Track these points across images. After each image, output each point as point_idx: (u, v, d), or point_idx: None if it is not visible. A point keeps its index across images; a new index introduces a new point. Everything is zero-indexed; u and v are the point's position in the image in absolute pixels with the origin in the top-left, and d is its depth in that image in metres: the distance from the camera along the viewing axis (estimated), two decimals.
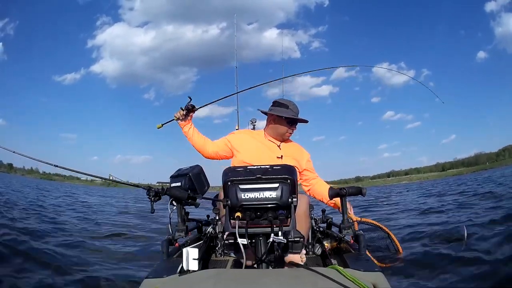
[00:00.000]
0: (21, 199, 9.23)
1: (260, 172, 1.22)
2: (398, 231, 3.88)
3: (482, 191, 8.71)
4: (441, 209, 5.97)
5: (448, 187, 14.79)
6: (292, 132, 2.04)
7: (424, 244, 3.19)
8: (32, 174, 77.38)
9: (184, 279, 1.16)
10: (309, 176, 2.08)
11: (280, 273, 1.23)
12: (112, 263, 2.86)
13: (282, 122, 1.99)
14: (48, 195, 13.68)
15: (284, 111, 1.99)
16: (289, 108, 1.99)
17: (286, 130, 2.00)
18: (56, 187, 27.94)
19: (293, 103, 2.05)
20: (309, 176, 2.08)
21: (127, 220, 6.54)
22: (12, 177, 40.86)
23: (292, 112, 2.00)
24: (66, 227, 4.77)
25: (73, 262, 2.80)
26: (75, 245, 3.47)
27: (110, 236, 4.41)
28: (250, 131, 2.33)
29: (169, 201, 1.58)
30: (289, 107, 2.00)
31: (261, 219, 1.22)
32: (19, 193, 12.38)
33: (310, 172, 2.09)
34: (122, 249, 3.57)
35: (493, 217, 4.00)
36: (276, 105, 2.04)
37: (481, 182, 13.67)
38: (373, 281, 1.12)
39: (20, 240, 3.20)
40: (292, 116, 1.98)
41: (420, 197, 10.93)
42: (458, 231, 3.32)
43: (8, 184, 18.37)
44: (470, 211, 5.17)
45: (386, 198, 12.11)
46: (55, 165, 1.58)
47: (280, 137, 2.03)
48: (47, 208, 7.41)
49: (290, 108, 2.00)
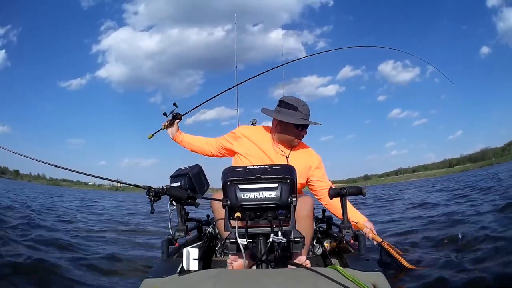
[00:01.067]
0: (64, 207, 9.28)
1: (259, 172, 1.22)
2: (398, 232, 3.88)
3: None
4: (442, 207, 5.98)
5: (450, 184, 14.74)
6: (302, 137, 1.79)
7: (424, 243, 3.18)
8: (39, 180, 77.39)
9: (184, 279, 1.16)
10: (319, 185, 1.82)
11: (280, 273, 1.23)
12: (112, 263, 2.85)
13: (290, 127, 1.73)
14: (86, 202, 13.48)
15: (291, 114, 1.71)
16: (297, 110, 1.71)
17: (295, 135, 1.75)
18: (73, 193, 27.23)
19: (303, 102, 1.76)
20: (319, 186, 1.82)
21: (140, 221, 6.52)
22: (20, 184, 40.68)
23: (302, 114, 1.72)
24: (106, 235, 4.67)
25: (73, 261, 2.80)
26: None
27: (111, 236, 4.41)
28: (255, 132, 1.92)
29: (169, 201, 1.58)
30: (298, 108, 1.71)
31: (261, 219, 1.22)
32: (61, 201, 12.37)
33: (321, 181, 1.82)
34: (122, 248, 3.56)
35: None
36: (283, 105, 1.76)
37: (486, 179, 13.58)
38: (373, 281, 1.12)
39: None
40: (300, 122, 1.71)
41: (424, 194, 10.95)
42: (458, 230, 3.32)
43: (28, 192, 17.72)
44: (471, 209, 5.16)
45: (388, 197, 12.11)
46: (54, 165, 1.58)
47: (289, 144, 1.79)
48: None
49: (299, 110, 1.71)
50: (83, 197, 18.06)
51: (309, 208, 1.63)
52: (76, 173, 1.61)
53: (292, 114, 1.71)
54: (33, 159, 1.62)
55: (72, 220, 5.86)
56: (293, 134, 1.75)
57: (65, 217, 6.26)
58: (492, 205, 4.87)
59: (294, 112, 1.71)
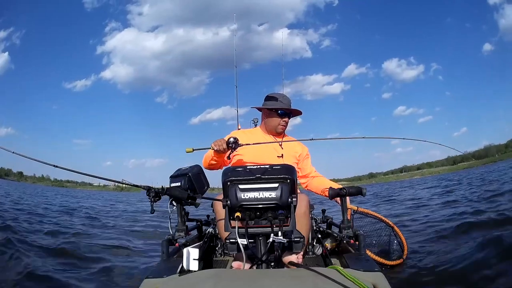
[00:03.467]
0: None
1: (259, 172, 1.22)
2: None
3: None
4: (444, 204, 6.00)
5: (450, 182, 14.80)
6: (285, 124, 2.04)
7: (424, 243, 3.18)
8: (43, 182, 76.94)
9: (184, 279, 1.16)
10: (306, 170, 2.10)
11: (280, 273, 1.23)
12: (112, 263, 2.86)
13: (274, 115, 2.02)
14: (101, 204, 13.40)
15: (273, 103, 2.01)
16: (278, 100, 2.01)
17: (278, 122, 2.01)
18: (82, 194, 26.90)
19: (283, 95, 2.08)
20: (306, 171, 2.10)
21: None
22: (26, 186, 40.48)
23: (282, 103, 2.00)
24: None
25: (73, 261, 2.80)
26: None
27: (111, 235, 4.41)
28: (246, 130, 2.28)
29: (169, 201, 1.58)
30: (278, 99, 2.02)
31: (261, 219, 1.22)
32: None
33: (306, 166, 2.11)
34: (123, 248, 3.57)
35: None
36: (267, 99, 2.07)
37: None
38: (373, 281, 1.12)
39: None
40: (281, 107, 1.99)
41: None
42: (458, 229, 3.32)
43: (41, 194, 17.61)
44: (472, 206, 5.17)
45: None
46: (54, 166, 1.57)
47: (274, 131, 2.04)
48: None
49: (280, 100, 2.01)
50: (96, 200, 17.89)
51: (306, 205, 1.68)
52: (76, 173, 1.60)
53: (273, 104, 2.02)
54: (32, 159, 1.61)
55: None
56: (276, 120, 2.02)
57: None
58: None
59: (275, 102, 2.02)
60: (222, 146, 1.79)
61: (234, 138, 1.81)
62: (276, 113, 2.01)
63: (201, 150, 1.88)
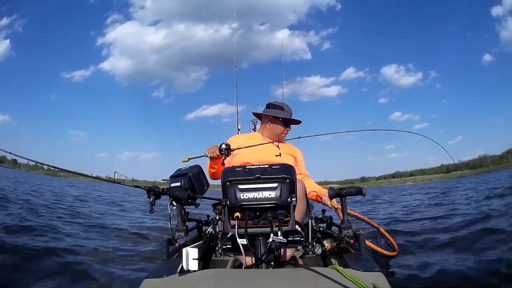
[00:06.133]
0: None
1: (259, 172, 1.22)
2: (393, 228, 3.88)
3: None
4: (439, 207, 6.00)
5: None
6: (287, 132, 2.12)
7: (424, 243, 3.19)
8: (37, 170, 76.13)
9: (184, 279, 1.16)
10: (300, 173, 2.11)
11: (280, 273, 1.23)
12: (111, 263, 2.85)
13: (278, 122, 2.08)
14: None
15: (279, 112, 2.07)
16: (284, 110, 2.08)
17: (282, 130, 2.09)
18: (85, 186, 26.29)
19: (287, 105, 2.14)
20: (301, 175, 2.11)
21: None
22: (19, 173, 39.84)
23: (287, 113, 2.08)
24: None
25: (73, 259, 2.80)
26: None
27: (112, 234, 4.41)
28: (246, 135, 2.33)
29: (169, 201, 1.58)
30: (284, 109, 2.09)
31: (261, 219, 1.22)
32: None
33: (302, 171, 2.15)
34: (123, 248, 3.56)
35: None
36: (271, 107, 2.12)
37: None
38: (373, 281, 1.12)
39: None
40: (288, 117, 2.07)
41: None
42: (459, 228, 3.32)
43: (40, 184, 17.13)
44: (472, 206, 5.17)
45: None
46: (53, 167, 1.58)
47: (276, 138, 2.10)
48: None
49: (285, 110, 2.08)
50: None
51: (301, 190, 1.62)
52: (76, 174, 1.61)
53: (280, 112, 2.07)
54: (31, 160, 1.63)
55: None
56: (280, 129, 2.09)
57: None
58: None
59: (281, 111, 2.08)
60: (215, 152, 1.86)
61: (226, 144, 1.86)
62: (282, 122, 2.07)
63: (196, 158, 1.92)
